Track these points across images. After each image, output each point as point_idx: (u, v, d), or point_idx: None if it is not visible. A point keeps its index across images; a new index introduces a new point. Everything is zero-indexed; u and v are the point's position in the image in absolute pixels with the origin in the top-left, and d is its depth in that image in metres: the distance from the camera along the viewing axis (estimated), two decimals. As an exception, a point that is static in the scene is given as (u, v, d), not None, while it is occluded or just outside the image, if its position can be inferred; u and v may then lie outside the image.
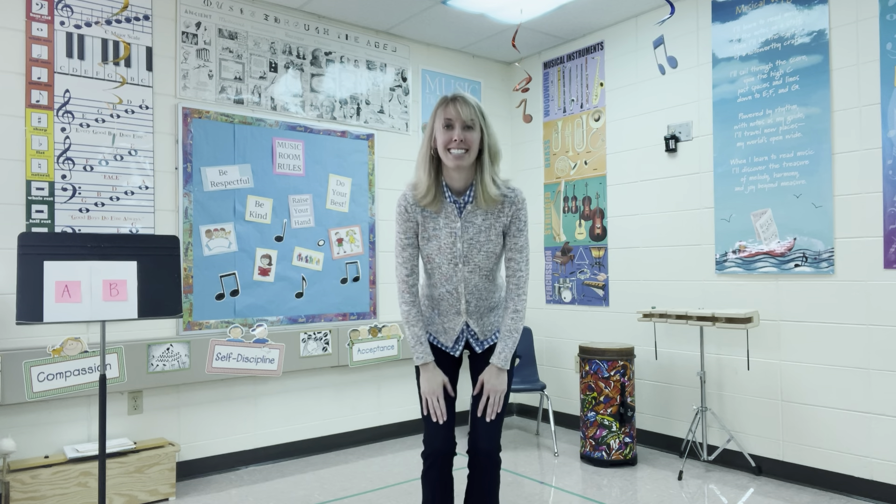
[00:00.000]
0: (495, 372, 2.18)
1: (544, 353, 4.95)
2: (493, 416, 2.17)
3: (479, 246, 2.16)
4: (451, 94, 2.11)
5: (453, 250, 2.16)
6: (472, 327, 2.25)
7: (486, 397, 2.17)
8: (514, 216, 2.16)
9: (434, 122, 2.12)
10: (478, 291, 2.22)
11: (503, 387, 2.18)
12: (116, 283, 2.55)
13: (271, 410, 3.99)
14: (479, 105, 2.12)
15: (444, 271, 2.19)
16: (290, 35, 4.11)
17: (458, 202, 2.16)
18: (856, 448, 3.27)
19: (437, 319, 2.28)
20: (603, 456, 3.81)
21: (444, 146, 2.08)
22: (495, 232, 2.17)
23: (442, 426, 2.18)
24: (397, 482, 3.58)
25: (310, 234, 4.13)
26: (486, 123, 2.12)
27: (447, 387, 2.21)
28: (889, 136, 3.15)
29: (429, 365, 2.20)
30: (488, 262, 2.19)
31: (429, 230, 2.18)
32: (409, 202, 2.17)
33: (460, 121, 2.07)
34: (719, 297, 3.83)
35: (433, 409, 2.17)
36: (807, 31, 3.45)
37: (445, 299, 2.23)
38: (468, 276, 2.19)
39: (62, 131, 3.33)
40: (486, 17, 4.27)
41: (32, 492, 2.99)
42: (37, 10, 3.29)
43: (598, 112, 4.55)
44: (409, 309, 2.21)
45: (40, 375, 3.12)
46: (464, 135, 2.06)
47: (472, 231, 2.16)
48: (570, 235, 4.73)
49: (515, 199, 2.16)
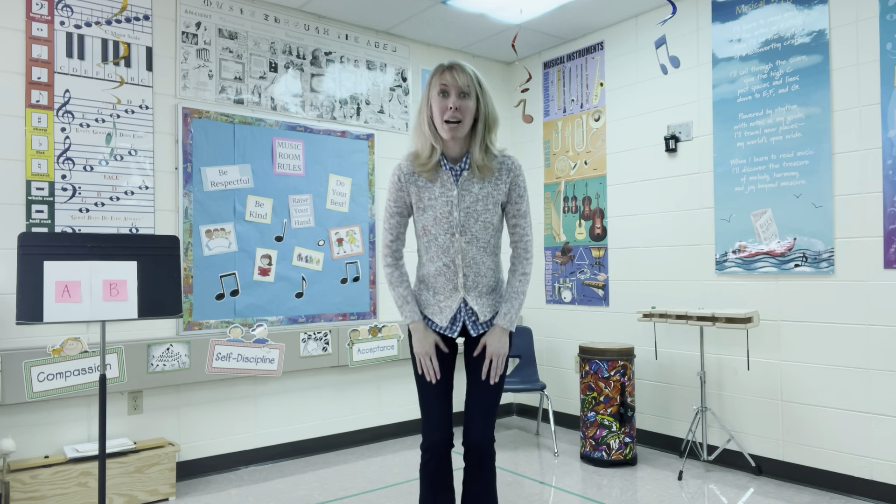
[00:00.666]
0: (499, 333, 2.17)
1: (544, 353, 4.95)
2: (496, 378, 2.17)
3: (475, 215, 2.14)
4: (447, 62, 2.10)
5: (450, 219, 2.14)
6: (471, 305, 2.20)
7: (488, 360, 2.17)
8: (513, 183, 2.16)
9: (430, 89, 2.10)
10: (475, 265, 2.18)
11: (505, 349, 2.18)
12: (116, 283, 2.55)
13: (271, 410, 3.99)
14: (475, 73, 2.10)
15: (441, 242, 2.16)
16: (290, 35, 4.11)
17: (455, 169, 2.14)
18: (856, 448, 3.27)
19: (431, 299, 2.23)
20: (603, 456, 3.81)
21: (439, 114, 2.06)
22: (493, 201, 2.15)
23: (439, 418, 2.18)
24: (397, 482, 3.58)
25: (310, 234, 4.13)
26: (483, 91, 2.10)
27: (440, 345, 2.21)
28: (889, 136, 3.15)
29: (419, 323, 2.19)
30: (486, 234, 2.17)
31: (424, 200, 2.16)
32: (403, 172, 2.16)
33: (456, 88, 2.05)
34: (719, 297, 3.83)
35: (426, 368, 2.17)
36: (807, 31, 3.45)
37: (443, 274, 2.18)
38: (465, 246, 2.16)
39: (62, 131, 3.33)
40: (486, 17, 4.27)
41: (32, 492, 2.99)
42: (37, 10, 3.29)
43: (598, 112, 4.55)
44: (392, 270, 2.21)
45: (40, 375, 3.12)
46: (459, 103, 2.05)
47: (468, 199, 2.14)
48: (570, 235, 4.73)
49: (512, 167, 2.16)
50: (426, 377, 2.19)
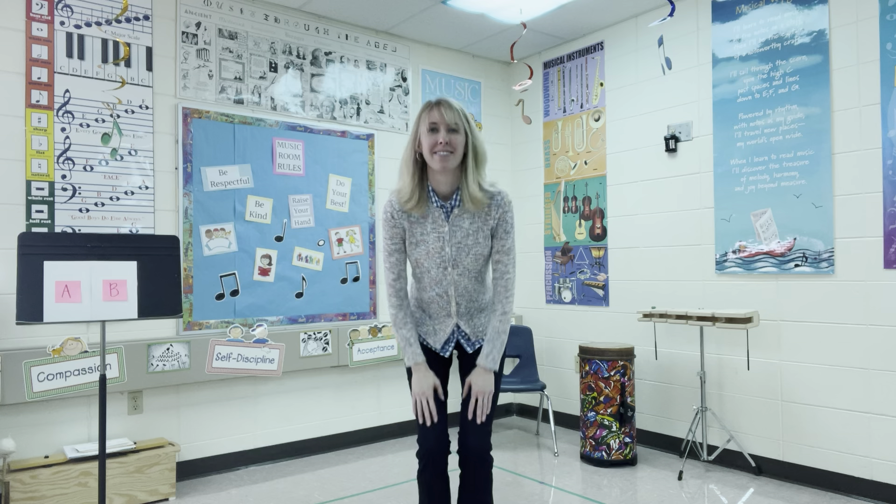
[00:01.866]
0: (482, 373, 2.19)
1: (544, 353, 4.95)
2: (483, 417, 2.18)
3: (467, 249, 2.18)
4: (434, 99, 2.13)
5: (442, 255, 2.18)
6: (464, 328, 2.27)
7: (473, 399, 2.18)
8: (501, 219, 2.18)
9: (419, 126, 2.14)
10: (468, 293, 2.23)
11: (490, 388, 2.19)
12: (116, 283, 2.55)
13: (271, 410, 3.99)
14: (463, 109, 2.14)
15: (434, 275, 2.21)
16: (290, 35, 4.11)
17: (445, 206, 2.17)
18: (856, 448, 3.27)
19: (427, 321, 2.29)
20: (603, 456, 3.81)
21: (429, 149, 2.09)
22: (483, 234, 2.18)
23: (435, 426, 2.19)
24: (397, 482, 3.58)
25: (310, 234, 4.13)
26: (471, 127, 2.14)
27: (438, 389, 2.22)
28: (889, 136, 3.15)
29: (420, 365, 2.21)
30: (477, 265, 2.21)
31: (416, 235, 2.19)
32: (394, 208, 2.18)
33: (445, 124, 2.08)
34: (719, 297, 3.83)
35: (423, 410, 2.18)
36: (807, 31, 3.45)
37: (435, 302, 2.24)
38: (458, 279, 2.20)
39: (62, 131, 3.33)
40: (486, 17, 4.27)
41: (32, 492, 2.99)
42: (37, 10, 3.29)
43: (598, 112, 4.55)
44: (397, 312, 2.23)
45: (40, 375, 3.12)
46: (449, 137, 2.08)
47: (459, 235, 2.17)
48: (570, 235, 4.73)
49: (502, 202, 2.17)
50: (420, 420, 2.19)
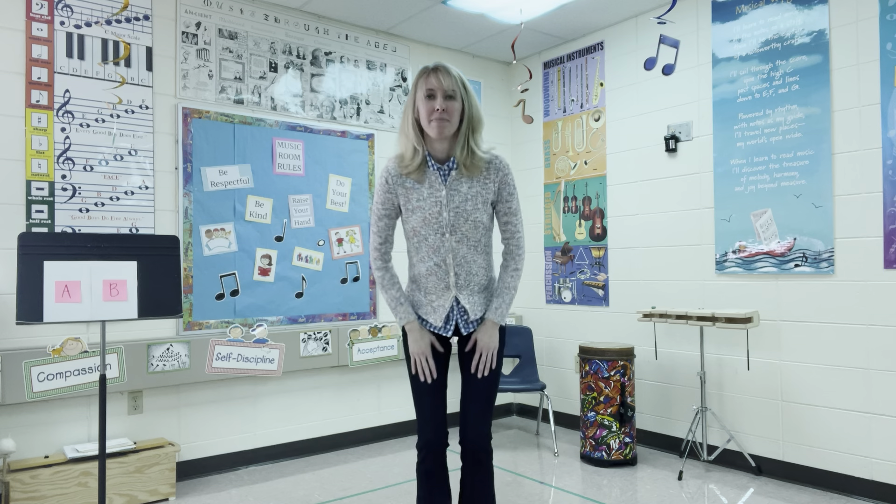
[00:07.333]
0: (489, 327, 2.18)
1: (544, 353, 4.95)
2: (486, 371, 2.17)
3: (465, 215, 2.15)
4: (432, 65, 2.12)
5: (439, 220, 2.15)
6: (463, 303, 2.21)
7: (478, 355, 2.18)
8: (503, 181, 2.18)
9: (416, 92, 2.13)
10: (466, 264, 2.19)
11: (496, 343, 2.19)
12: (116, 283, 2.55)
13: (271, 410, 3.99)
14: (460, 75, 2.13)
15: (431, 242, 2.17)
16: (290, 35, 4.11)
17: (443, 170, 2.16)
18: (856, 448, 3.27)
19: (424, 300, 2.24)
20: (603, 456, 3.81)
21: (426, 116, 2.09)
22: (482, 200, 2.17)
23: (434, 417, 2.19)
24: (397, 482, 3.58)
25: (310, 234, 4.13)
26: (468, 93, 2.13)
27: (435, 345, 2.22)
28: (889, 136, 3.15)
29: (414, 324, 2.20)
30: (476, 232, 2.18)
31: (412, 201, 2.17)
32: (391, 174, 2.18)
33: (442, 90, 2.07)
34: (719, 297, 3.83)
35: (423, 368, 2.18)
36: (807, 31, 3.45)
37: (434, 273, 2.19)
38: (456, 245, 2.17)
39: (62, 131, 3.33)
40: (486, 17, 4.27)
41: (32, 492, 2.99)
42: (37, 10, 3.29)
43: (598, 112, 4.55)
44: (383, 273, 2.23)
45: (40, 375, 3.12)
46: (446, 104, 2.07)
47: (457, 199, 2.15)
48: (570, 235, 4.73)
49: (500, 166, 2.18)
50: (421, 377, 2.19)
